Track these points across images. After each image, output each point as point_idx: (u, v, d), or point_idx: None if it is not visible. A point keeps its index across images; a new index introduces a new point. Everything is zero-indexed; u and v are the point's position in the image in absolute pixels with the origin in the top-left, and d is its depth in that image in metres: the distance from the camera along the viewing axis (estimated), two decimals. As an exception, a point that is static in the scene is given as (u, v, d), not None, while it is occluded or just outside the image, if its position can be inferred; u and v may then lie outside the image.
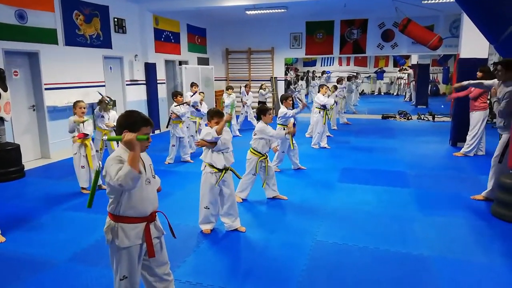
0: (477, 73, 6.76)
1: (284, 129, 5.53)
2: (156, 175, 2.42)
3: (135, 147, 2.10)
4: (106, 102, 5.97)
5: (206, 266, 3.34)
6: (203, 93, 8.13)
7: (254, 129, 4.87)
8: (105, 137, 5.82)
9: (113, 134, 5.88)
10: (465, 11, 3.82)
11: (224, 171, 3.83)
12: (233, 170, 3.96)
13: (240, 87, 11.35)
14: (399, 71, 22.98)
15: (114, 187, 2.12)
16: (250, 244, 3.79)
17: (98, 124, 6.02)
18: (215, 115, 3.80)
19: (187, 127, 7.29)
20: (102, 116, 5.96)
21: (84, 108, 5.27)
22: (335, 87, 10.67)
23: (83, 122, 5.25)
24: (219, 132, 3.67)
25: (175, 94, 7.01)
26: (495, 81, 4.86)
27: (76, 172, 5.37)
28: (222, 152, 3.81)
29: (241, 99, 10.98)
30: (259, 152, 4.74)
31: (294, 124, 5.54)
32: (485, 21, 3.95)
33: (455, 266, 3.28)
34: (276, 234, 3.97)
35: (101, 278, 3.10)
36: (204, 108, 7.60)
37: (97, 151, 5.70)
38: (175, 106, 6.90)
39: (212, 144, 3.75)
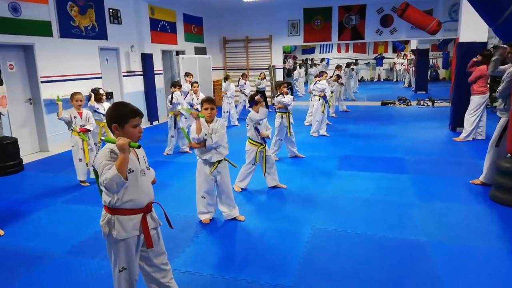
0: (477, 56, 6.71)
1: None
2: (150, 167, 2.40)
3: (126, 152, 2.09)
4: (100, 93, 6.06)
5: (205, 256, 3.35)
6: (196, 83, 8.01)
7: None
8: (103, 138, 5.84)
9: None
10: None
11: (217, 162, 3.82)
12: (228, 159, 3.95)
13: (239, 79, 11.11)
14: (396, 56, 22.78)
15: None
16: (249, 233, 3.80)
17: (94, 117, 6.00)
18: (203, 102, 3.73)
19: (186, 118, 7.26)
20: (97, 109, 5.95)
21: (81, 101, 5.25)
22: (338, 76, 10.54)
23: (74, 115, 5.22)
24: (198, 132, 3.64)
25: (173, 85, 7.04)
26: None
27: (75, 165, 5.36)
28: (215, 148, 3.77)
29: (240, 90, 10.84)
30: (257, 142, 4.73)
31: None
32: (484, 3, 3.90)
33: (453, 251, 3.28)
34: (275, 223, 3.98)
35: (100, 270, 3.11)
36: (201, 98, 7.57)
37: (95, 144, 5.69)
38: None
39: (202, 144, 3.72)
